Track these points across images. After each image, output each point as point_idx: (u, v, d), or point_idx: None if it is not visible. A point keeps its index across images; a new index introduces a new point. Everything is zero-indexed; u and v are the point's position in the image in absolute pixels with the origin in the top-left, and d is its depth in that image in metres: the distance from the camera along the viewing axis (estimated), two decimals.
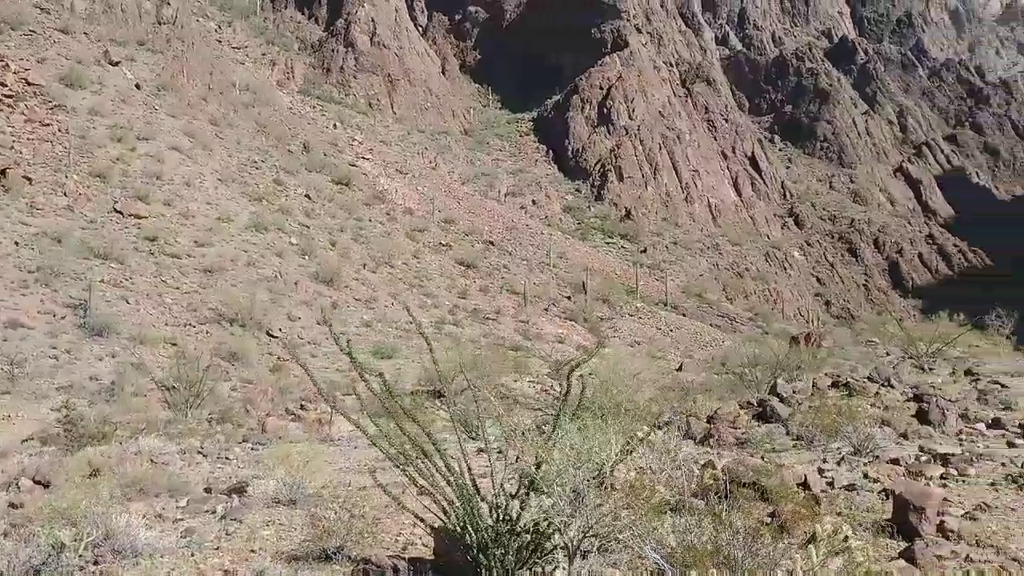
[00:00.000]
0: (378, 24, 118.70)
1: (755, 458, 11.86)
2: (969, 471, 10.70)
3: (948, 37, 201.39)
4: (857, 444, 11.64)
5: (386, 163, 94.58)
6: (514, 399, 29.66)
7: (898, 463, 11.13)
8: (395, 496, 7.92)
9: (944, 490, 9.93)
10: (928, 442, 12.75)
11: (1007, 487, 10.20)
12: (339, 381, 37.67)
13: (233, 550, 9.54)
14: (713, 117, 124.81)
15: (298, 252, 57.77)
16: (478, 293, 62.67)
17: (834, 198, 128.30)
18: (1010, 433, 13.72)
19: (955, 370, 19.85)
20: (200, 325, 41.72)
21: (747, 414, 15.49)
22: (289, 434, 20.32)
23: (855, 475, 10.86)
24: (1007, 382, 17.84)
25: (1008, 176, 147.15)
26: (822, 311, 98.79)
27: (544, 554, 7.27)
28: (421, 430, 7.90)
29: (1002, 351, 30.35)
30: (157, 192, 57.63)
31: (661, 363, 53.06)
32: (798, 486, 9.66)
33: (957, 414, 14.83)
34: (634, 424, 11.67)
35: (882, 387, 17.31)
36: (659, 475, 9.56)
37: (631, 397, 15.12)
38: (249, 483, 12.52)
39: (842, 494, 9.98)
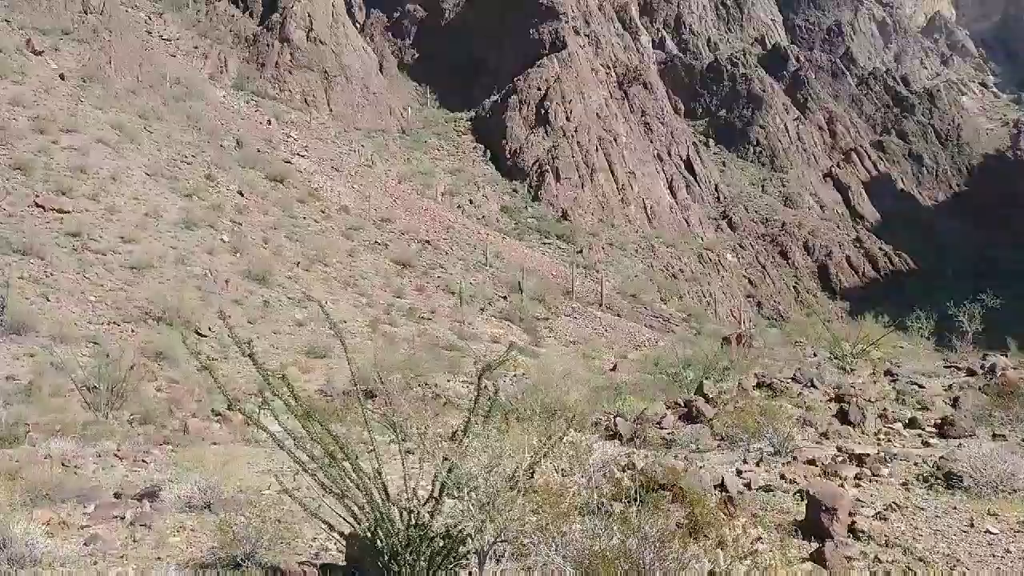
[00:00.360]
0: (315, 19, 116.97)
1: (678, 459, 11.94)
2: (882, 471, 10.84)
3: (876, 47, 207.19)
4: (777, 445, 11.79)
5: (322, 160, 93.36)
6: (447, 399, 29.53)
7: (815, 464, 11.24)
8: (300, 501, 7.70)
9: (858, 490, 10.13)
10: (847, 442, 13.00)
11: (918, 486, 10.37)
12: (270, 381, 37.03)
13: (139, 558, 9.19)
14: (649, 120, 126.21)
15: (229, 249, 56.63)
16: (414, 292, 62.27)
17: (766, 201, 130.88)
18: (926, 433, 14.11)
19: (875, 371, 20.33)
20: (125, 324, 40.57)
21: (674, 414, 15.61)
22: (213, 435, 19.79)
23: (772, 476, 10.92)
24: (924, 382, 18.30)
25: (931, 183, 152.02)
26: (754, 312, 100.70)
27: (458, 559, 7.15)
28: (327, 432, 7.68)
29: (921, 352, 31.23)
30: (81, 186, 55.94)
31: (595, 363, 53.48)
32: (715, 487, 9.72)
33: (876, 414, 15.16)
34: (560, 425, 11.63)
35: (805, 388, 17.60)
36: (578, 477, 9.52)
37: (560, 398, 15.10)
38: (162, 487, 12.12)
39: (759, 495, 10.03)
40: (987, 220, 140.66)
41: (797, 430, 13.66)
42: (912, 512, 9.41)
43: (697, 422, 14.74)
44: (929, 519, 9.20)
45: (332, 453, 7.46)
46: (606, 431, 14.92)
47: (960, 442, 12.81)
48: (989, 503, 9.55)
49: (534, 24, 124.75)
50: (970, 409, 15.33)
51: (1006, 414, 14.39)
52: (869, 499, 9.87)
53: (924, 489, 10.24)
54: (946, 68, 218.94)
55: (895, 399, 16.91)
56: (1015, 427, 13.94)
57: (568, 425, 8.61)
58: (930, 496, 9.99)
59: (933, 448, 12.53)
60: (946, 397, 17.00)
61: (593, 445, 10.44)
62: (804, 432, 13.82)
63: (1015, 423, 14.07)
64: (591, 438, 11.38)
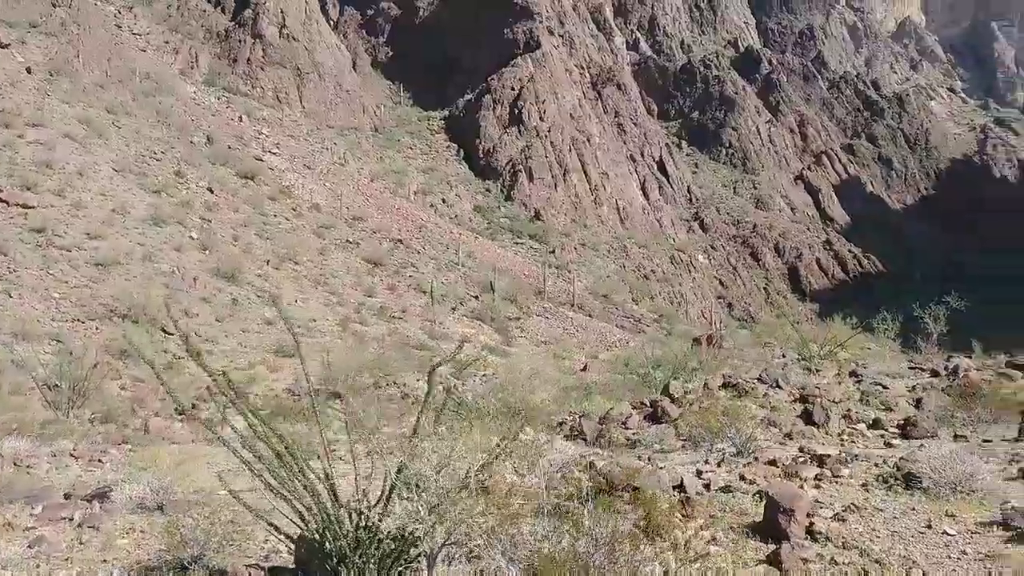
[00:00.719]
0: (287, 16, 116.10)
1: (641, 460, 11.84)
2: (843, 472, 10.83)
3: (847, 51, 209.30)
4: (739, 445, 11.74)
5: (293, 158, 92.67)
6: (416, 398, 29.28)
7: (776, 464, 11.18)
8: (244, 502, 7.51)
9: (817, 491, 10.10)
10: (810, 442, 12.99)
11: (878, 487, 10.35)
12: (236, 379, 36.58)
13: (85, 560, 8.94)
14: (623, 121, 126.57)
15: (198, 247, 55.98)
16: (385, 291, 61.92)
17: (738, 203, 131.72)
18: (888, 433, 14.15)
19: (840, 372, 20.39)
20: (90, 321, 39.93)
21: (639, 415, 15.55)
22: (174, 435, 19.45)
23: (732, 476, 10.86)
24: (888, 383, 18.38)
25: (900, 186, 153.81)
26: (725, 313, 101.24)
27: (408, 562, 7.00)
28: (271, 432, 7.49)
29: (888, 354, 31.45)
30: (47, 181, 55.06)
31: (566, 363, 53.43)
32: (674, 488, 9.62)
33: (840, 415, 15.22)
34: (524, 425, 11.50)
35: (770, 388, 17.61)
36: (535, 478, 9.40)
37: (525, 398, 14.98)
38: (115, 488, 11.82)
39: (718, 496, 9.97)
40: (954, 224, 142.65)
41: (761, 431, 13.63)
42: (871, 513, 9.38)
43: (662, 422, 14.68)
44: (887, 520, 9.17)
45: (279, 454, 7.26)
46: (571, 431, 14.83)
47: (922, 443, 12.87)
48: (948, 504, 9.56)
49: (508, 24, 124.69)
50: (933, 410, 15.41)
51: (968, 415, 14.48)
52: (828, 500, 9.85)
53: (884, 490, 10.22)
54: (915, 73, 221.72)
55: (859, 400, 16.94)
56: (976, 428, 14.05)
57: (523, 425, 8.48)
58: (889, 497, 9.97)
59: (895, 449, 12.55)
60: (910, 398, 17.08)
61: (555, 445, 10.32)
62: (768, 432, 13.80)
63: (976, 424, 14.18)
64: (552, 438, 11.25)
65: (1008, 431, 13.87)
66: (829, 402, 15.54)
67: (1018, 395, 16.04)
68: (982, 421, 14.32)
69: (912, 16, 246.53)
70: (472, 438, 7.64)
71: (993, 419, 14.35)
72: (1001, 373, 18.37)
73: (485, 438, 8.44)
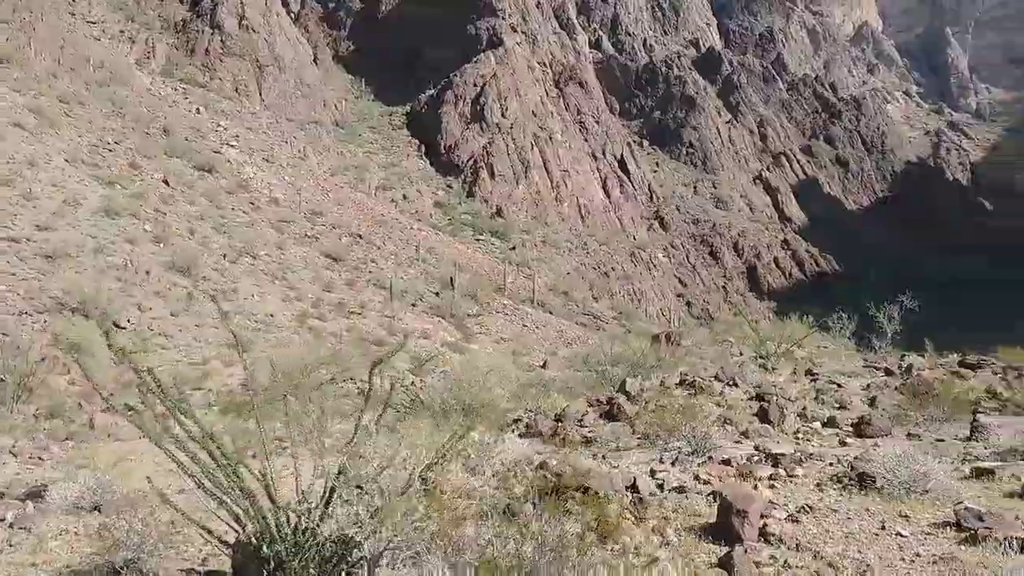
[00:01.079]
0: (247, 7, 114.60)
1: (596, 458, 11.69)
2: (797, 471, 10.72)
3: (806, 53, 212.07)
4: (694, 444, 11.60)
5: (252, 151, 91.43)
6: (370, 395, 28.90)
7: (730, 464, 11.06)
8: (176, 505, 7.19)
9: (772, 491, 9.97)
10: (766, 441, 12.91)
11: (832, 487, 10.29)
12: (189, 375, 35.95)
13: (13, 564, 8.54)
14: (585, 119, 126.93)
15: (152, 239, 54.82)
16: (344, 287, 61.25)
17: (698, 202, 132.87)
18: (843, 432, 14.16)
19: (796, 370, 20.47)
20: (38, 315, 38.86)
21: (596, 412, 15.41)
22: (120, 431, 18.90)
23: (687, 476, 10.75)
24: (843, 382, 18.49)
25: (856, 187, 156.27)
26: (684, 311, 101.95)
27: (350, 567, 6.73)
28: (201, 430, 7.18)
29: (843, 353, 31.79)
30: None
31: (525, 360, 53.33)
32: (627, 489, 9.45)
33: (795, 413, 15.23)
34: (478, 422, 11.28)
35: (727, 386, 17.61)
36: (485, 478, 9.19)
37: (480, 394, 14.76)
38: (50, 486, 11.37)
39: (671, 497, 9.81)
40: (909, 225, 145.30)
41: (717, 428, 13.56)
42: (824, 514, 9.29)
43: (618, 420, 14.57)
44: (841, 521, 9.10)
45: (211, 454, 6.96)
46: (527, 429, 14.64)
47: (876, 442, 12.87)
48: (901, 504, 9.50)
49: (472, 20, 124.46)
50: (887, 409, 15.50)
51: (921, 414, 14.56)
52: (782, 501, 9.73)
53: (838, 490, 10.15)
54: (872, 77, 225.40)
55: (814, 398, 17.01)
56: (929, 427, 14.12)
57: (475, 422, 8.26)
58: (843, 497, 9.89)
59: (849, 448, 12.50)
60: (864, 397, 17.19)
61: (509, 443, 10.11)
62: (724, 431, 13.73)
63: (929, 423, 14.25)
64: (505, 436, 11.07)
65: (961, 430, 13.93)
66: (784, 400, 15.52)
67: (970, 394, 16.26)
68: (935, 420, 14.39)
69: (870, 21, 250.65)
70: (419, 437, 7.41)
71: (946, 418, 14.45)
72: (953, 372, 18.59)
73: (432, 437, 8.22)
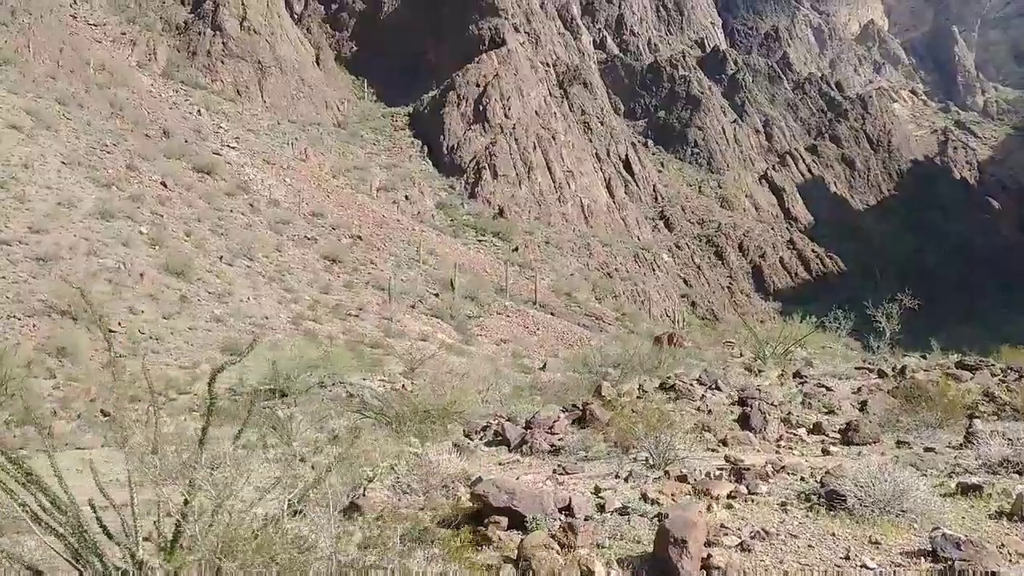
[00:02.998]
0: (249, 9, 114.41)
1: (559, 469, 10.97)
2: (761, 488, 9.72)
3: (812, 52, 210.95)
4: (656, 455, 10.81)
5: (253, 153, 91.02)
6: (360, 398, 28.32)
7: (686, 480, 10.07)
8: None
9: (729, 511, 9.04)
10: (745, 450, 12.16)
11: (798, 507, 9.25)
12: (178, 378, 35.47)
13: None
14: (589, 119, 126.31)
15: (148, 242, 54.42)
16: (342, 288, 60.75)
17: (703, 202, 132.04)
18: (829, 439, 13.42)
19: (784, 372, 19.70)
20: (27, 318, 38.47)
21: (568, 418, 14.71)
22: (79, 439, 18.31)
23: (635, 494, 9.70)
24: (833, 385, 17.68)
25: (862, 187, 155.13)
26: (688, 312, 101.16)
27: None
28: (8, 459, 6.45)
29: (847, 353, 31.11)
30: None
31: (525, 362, 52.69)
32: (561, 511, 8.52)
33: (779, 419, 14.50)
34: (435, 430, 10.67)
35: (709, 390, 16.85)
36: (418, 496, 8.58)
37: (446, 401, 14.13)
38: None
39: (611, 520, 8.79)
40: (915, 224, 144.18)
41: (695, 436, 12.82)
42: (783, 540, 8.25)
43: (590, 427, 13.87)
44: (801, 549, 8.10)
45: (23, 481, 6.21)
46: (495, 436, 14.01)
47: (861, 450, 12.16)
48: (873, 528, 8.50)
49: (474, 20, 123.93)
50: (878, 414, 14.78)
51: (912, 419, 13.83)
52: (738, 524, 8.70)
53: (804, 510, 9.11)
54: (878, 76, 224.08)
55: (801, 402, 16.20)
56: (921, 433, 13.30)
57: (422, 432, 7.63)
58: (808, 519, 8.87)
59: (832, 457, 11.65)
60: (855, 400, 16.43)
61: (442, 458, 9.44)
62: (702, 439, 13.02)
63: (921, 429, 13.44)
64: (475, 444, 10.43)
65: (955, 437, 13.14)
66: (769, 405, 14.74)
67: (966, 397, 15.48)
68: (928, 426, 13.59)
69: (875, 20, 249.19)
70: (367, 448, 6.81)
71: (939, 424, 13.66)
72: (949, 374, 17.83)
73: (386, 446, 7.61)
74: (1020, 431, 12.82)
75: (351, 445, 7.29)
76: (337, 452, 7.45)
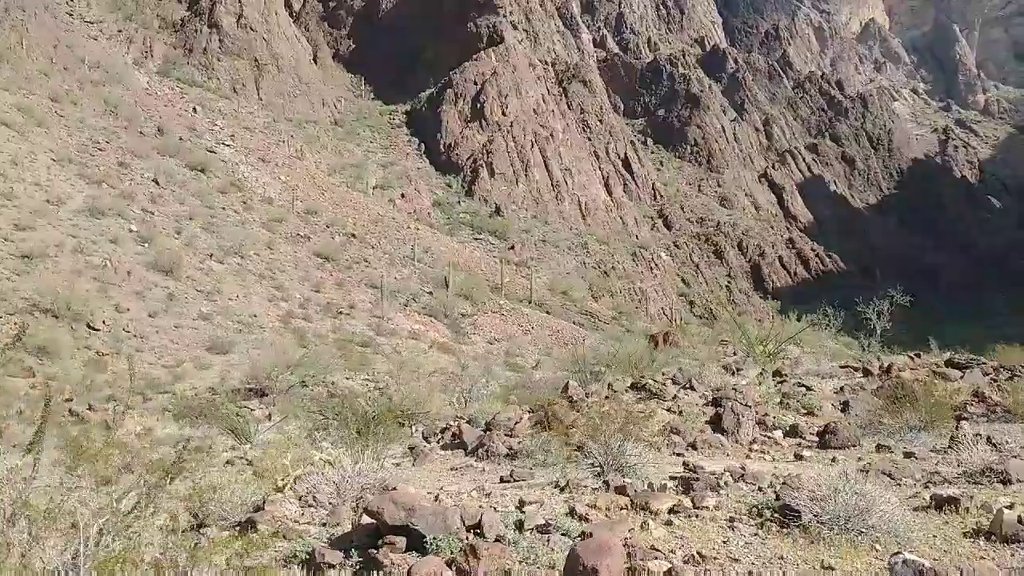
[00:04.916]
0: (245, 6, 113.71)
1: (511, 475, 10.26)
2: (708, 501, 8.63)
3: (812, 51, 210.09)
4: (604, 461, 10.05)
5: (248, 150, 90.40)
6: (340, 397, 27.71)
7: (624, 492, 8.96)
8: None
9: (667, 529, 7.93)
10: (714, 453, 11.43)
11: (747, 523, 8.15)
12: (161, 377, 34.90)
13: None
14: (588, 117, 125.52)
15: (137, 239, 53.89)
16: (333, 287, 60.17)
17: (702, 201, 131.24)
18: (805, 442, 12.68)
19: (764, 371, 18.97)
20: (8, 316, 37.86)
21: (531, 419, 14.00)
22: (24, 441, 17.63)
23: (563, 509, 8.67)
24: (815, 384, 16.94)
25: (862, 185, 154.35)
26: (686, 311, 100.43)
27: None
28: None
29: (833, 351, 30.47)
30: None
31: (518, 360, 52.07)
32: (470, 529, 7.50)
33: (754, 420, 13.68)
34: (396, 433, 10.04)
35: (683, 389, 16.12)
36: (322, 511, 7.91)
37: (404, 401, 13.51)
38: None
39: (526, 540, 7.70)
40: (915, 223, 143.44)
41: (663, 439, 12.12)
42: (721, 565, 7.14)
43: (552, 429, 13.16)
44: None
45: None
46: (452, 439, 13.36)
47: (837, 455, 11.42)
48: (829, 549, 7.45)
49: (472, 17, 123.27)
50: (860, 414, 14.10)
51: (896, 421, 13.14)
52: (674, 545, 7.62)
53: (753, 527, 8.01)
54: (879, 74, 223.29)
55: (779, 403, 15.46)
56: (904, 436, 12.55)
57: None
58: (756, 539, 7.77)
59: (805, 462, 10.91)
60: (836, 400, 15.73)
61: (354, 467, 8.72)
62: (671, 441, 12.30)
63: (904, 432, 12.71)
64: (431, 447, 9.80)
65: (940, 440, 12.38)
66: (743, 406, 13.94)
67: (954, 397, 14.75)
68: (912, 428, 12.86)
69: (876, 18, 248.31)
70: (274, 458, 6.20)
71: (923, 425, 12.93)
72: (937, 372, 17.14)
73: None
74: (1009, 434, 12.15)
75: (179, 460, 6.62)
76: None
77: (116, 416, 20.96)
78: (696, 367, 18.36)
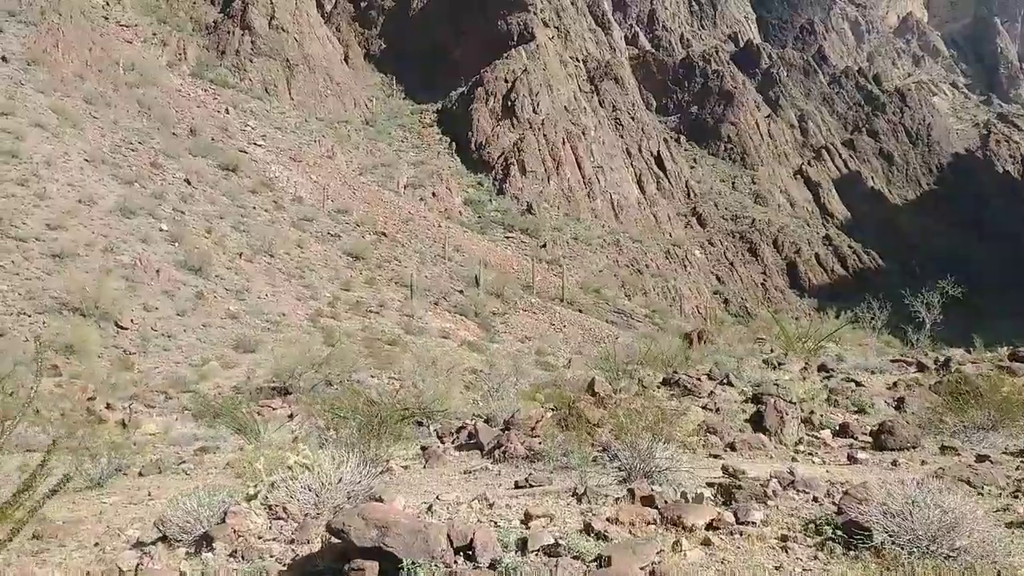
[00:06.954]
0: (277, 7, 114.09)
1: (525, 480, 9.32)
2: (754, 515, 7.25)
3: (848, 46, 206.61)
4: (630, 465, 8.57)
5: (279, 150, 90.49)
6: (366, 396, 27.07)
7: (653, 502, 7.62)
8: None
9: (705, 551, 6.59)
10: (755, 455, 10.30)
11: (803, 543, 6.73)
12: (187, 376, 34.54)
13: None
14: (620, 115, 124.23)
15: (167, 239, 53.87)
16: (363, 285, 59.74)
17: (736, 198, 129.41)
18: (858, 443, 11.56)
19: (808, 365, 17.81)
20: (38, 315, 37.80)
21: (554, 417, 13.01)
22: (32, 441, 17.16)
23: (577, 525, 7.38)
24: (865, 379, 15.72)
25: (901, 181, 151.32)
26: (721, 309, 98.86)
27: None
28: None
29: (888, 349, 29.23)
30: (11, 171, 53.12)
31: (549, 359, 51.21)
32: (458, 551, 6.42)
33: (799, 419, 12.59)
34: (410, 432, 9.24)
35: (719, 385, 15.04)
36: (290, 525, 7.08)
37: (421, 398, 12.75)
38: None
39: (528, 564, 6.45)
40: (956, 219, 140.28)
41: (699, 439, 11.13)
42: None
43: (576, 428, 12.16)
44: None
45: None
46: (468, 439, 12.50)
47: (897, 457, 10.27)
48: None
49: (502, 16, 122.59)
50: (917, 412, 13.03)
51: (960, 420, 12.02)
52: (713, 573, 6.28)
53: (812, 549, 6.61)
54: (917, 68, 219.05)
55: (826, 400, 14.28)
56: (970, 436, 11.40)
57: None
58: (816, 563, 6.33)
59: (861, 465, 9.69)
60: (889, 397, 14.57)
61: (336, 472, 7.77)
62: (707, 441, 11.30)
63: (970, 431, 11.56)
64: (448, 449, 9.03)
65: (1013, 440, 11.08)
66: (787, 403, 12.80)
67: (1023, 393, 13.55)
68: (979, 428, 11.69)
69: (914, 11, 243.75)
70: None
71: (992, 425, 11.74)
72: (1001, 367, 15.96)
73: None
74: None
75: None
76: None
77: (131, 415, 20.44)
78: (733, 363, 17.31)
